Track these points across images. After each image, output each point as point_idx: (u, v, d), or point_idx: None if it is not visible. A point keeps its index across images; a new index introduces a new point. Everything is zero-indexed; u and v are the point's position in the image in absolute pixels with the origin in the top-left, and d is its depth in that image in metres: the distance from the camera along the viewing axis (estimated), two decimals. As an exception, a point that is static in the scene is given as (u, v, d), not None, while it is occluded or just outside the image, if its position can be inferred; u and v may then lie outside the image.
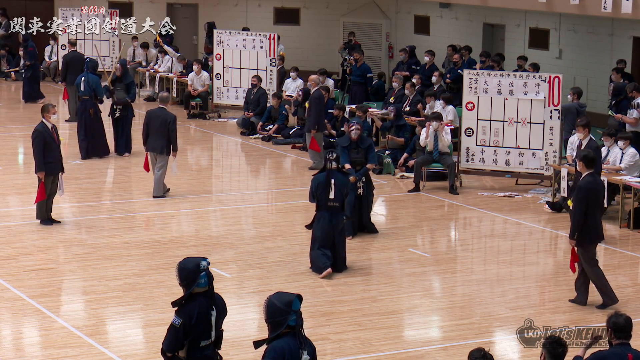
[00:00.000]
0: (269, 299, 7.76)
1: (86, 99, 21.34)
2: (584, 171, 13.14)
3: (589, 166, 13.06)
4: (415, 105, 22.21)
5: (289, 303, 7.71)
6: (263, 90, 24.90)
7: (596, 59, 25.43)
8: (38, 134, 16.21)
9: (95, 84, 21.32)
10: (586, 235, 12.89)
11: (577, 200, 12.95)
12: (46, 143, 16.12)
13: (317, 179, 14.36)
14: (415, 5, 31.14)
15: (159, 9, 33.56)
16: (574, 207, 13.00)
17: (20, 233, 16.01)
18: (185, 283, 8.48)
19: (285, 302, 7.72)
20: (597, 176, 13.40)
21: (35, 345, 11.71)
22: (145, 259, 14.74)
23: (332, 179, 14.21)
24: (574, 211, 12.97)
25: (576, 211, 12.89)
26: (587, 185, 12.93)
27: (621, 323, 8.40)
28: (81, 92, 21.46)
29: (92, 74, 21.44)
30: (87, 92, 21.31)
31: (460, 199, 18.76)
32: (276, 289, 13.50)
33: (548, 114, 19.02)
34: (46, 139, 16.13)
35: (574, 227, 12.90)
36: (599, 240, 13.30)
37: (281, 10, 33.35)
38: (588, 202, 12.85)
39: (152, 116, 18.20)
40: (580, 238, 12.88)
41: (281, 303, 7.71)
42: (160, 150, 17.97)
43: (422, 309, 13.12)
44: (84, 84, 21.33)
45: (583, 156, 13.21)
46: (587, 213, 12.85)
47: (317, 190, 14.27)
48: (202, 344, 8.51)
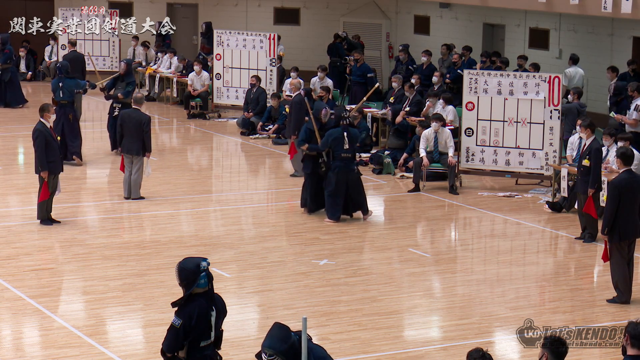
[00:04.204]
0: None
1: (64, 104, 20.61)
2: (621, 167, 13.39)
3: (626, 163, 13.25)
4: (415, 105, 22.19)
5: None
6: (262, 89, 24.90)
7: (596, 59, 25.42)
8: (39, 133, 16.20)
9: (73, 86, 20.77)
10: (616, 231, 13.01)
11: (610, 197, 13.12)
12: (47, 142, 16.12)
13: (333, 133, 16.61)
14: (415, 5, 31.14)
15: (159, 9, 33.56)
16: (607, 203, 13.21)
17: (20, 233, 16.01)
18: (185, 283, 8.48)
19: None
20: (635, 173, 13.49)
21: (35, 345, 11.71)
22: (145, 259, 14.74)
23: (345, 132, 16.60)
24: (606, 207, 13.18)
25: (608, 207, 13.10)
26: (621, 182, 13.12)
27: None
28: (59, 98, 20.69)
29: (67, 79, 20.80)
30: (66, 97, 20.65)
31: (460, 199, 18.76)
32: (276, 289, 13.59)
33: (548, 114, 19.02)
34: (47, 138, 16.13)
35: (605, 222, 13.07)
36: (631, 237, 13.24)
37: (281, 10, 33.35)
38: (620, 198, 12.98)
39: (126, 118, 17.93)
40: (610, 234, 13.03)
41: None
42: (137, 152, 17.77)
43: (422, 309, 13.12)
44: (62, 89, 20.60)
45: (621, 153, 13.45)
46: (620, 210, 12.98)
47: (333, 143, 16.54)
48: (202, 345, 8.52)
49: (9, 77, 27.70)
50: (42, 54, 31.90)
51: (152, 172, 18.37)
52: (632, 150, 13.94)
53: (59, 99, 20.75)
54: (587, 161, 15.84)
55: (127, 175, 17.97)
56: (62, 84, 20.69)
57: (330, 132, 16.69)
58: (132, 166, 17.87)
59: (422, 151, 19.30)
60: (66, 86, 20.66)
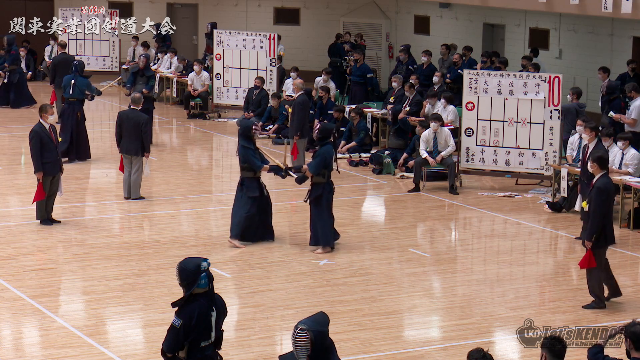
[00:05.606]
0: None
1: (74, 102, 20.83)
2: (597, 172, 12.92)
3: (603, 167, 12.90)
4: (415, 105, 22.20)
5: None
6: (265, 92, 24.90)
7: (596, 59, 25.42)
8: (35, 134, 16.20)
9: (85, 86, 20.96)
10: (602, 236, 12.75)
11: (600, 202, 12.72)
12: (43, 143, 16.10)
13: (329, 151, 15.12)
14: (415, 5, 31.15)
15: (159, 9, 33.56)
16: (595, 209, 12.73)
17: (20, 233, 16.01)
18: (186, 284, 8.48)
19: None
20: (609, 177, 13.21)
21: (35, 345, 11.71)
22: (145, 259, 14.74)
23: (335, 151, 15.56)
24: (596, 213, 12.72)
25: (598, 213, 12.69)
26: (607, 186, 12.82)
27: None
28: (68, 95, 20.86)
29: (80, 77, 21.02)
30: (76, 95, 20.84)
31: (460, 199, 18.76)
32: (276, 289, 13.59)
33: (548, 114, 19.02)
34: (43, 139, 16.11)
35: (594, 229, 12.69)
36: (614, 241, 13.15)
37: (281, 10, 33.35)
38: (609, 203, 12.77)
39: (124, 118, 17.90)
40: (597, 240, 12.73)
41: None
42: (135, 152, 17.77)
43: (422, 309, 13.12)
44: (73, 87, 20.79)
45: (598, 157, 12.99)
46: (605, 215, 12.77)
47: (330, 162, 15.05)
48: (202, 345, 8.52)
49: (17, 79, 27.70)
50: (42, 54, 31.89)
51: (152, 172, 18.38)
52: (607, 154, 13.58)
53: (69, 95, 20.93)
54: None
55: (127, 175, 17.97)
56: (74, 82, 20.82)
57: (326, 150, 15.13)
58: (132, 166, 17.87)
59: (423, 152, 19.30)
60: (78, 84, 20.82)
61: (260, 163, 15.40)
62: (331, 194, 15.20)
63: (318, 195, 15.02)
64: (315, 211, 15.09)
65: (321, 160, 14.98)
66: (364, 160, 21.53)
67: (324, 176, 15.03)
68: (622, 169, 17.18)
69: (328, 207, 15.14)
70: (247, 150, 15.36)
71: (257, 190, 15.38)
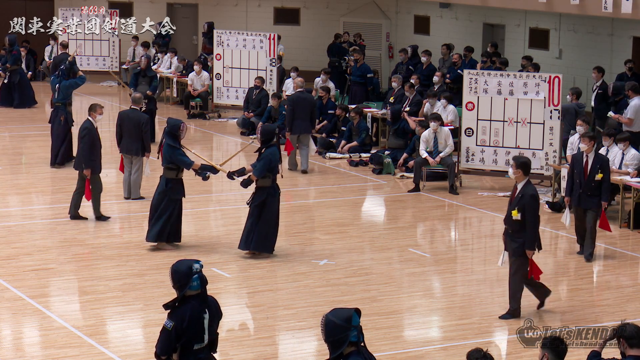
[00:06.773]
0: (326, 316, 7.34)
1: (58, 106, 20.33)
2: (521, 179, 12.39)
3: (526, 173, 12.41)
4: (415, 105, 22.21)
5: (348, 319, 7.26)
6: (266, 92, 24.89)
7: (596, 59, 25.41)
8: (87, 131, 16.35)
9: (68, 87, 20.31)
10: (536, 244, 12.49)
11: (535, 209, 12.35)
12: (93, 141, 16.29)
13: (274, 154, 14.61)
14: (415, 5, 31.15)
15: (159, 9, 33.57)
16: (533, 216, 12.36)
17: (20, 233, 16.02)
18: (178, 286, 8.44)
19: (343, 318, 7.27)
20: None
21: (35, 345, 11.71)
22: (145, 259, 14.74)
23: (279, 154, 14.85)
24: (533, 220, 12.36)
25: (535, 220, 12.38)
26: (536, 193, 12.47)
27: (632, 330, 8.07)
28: (55, 99, 20.46)
29: (65, 80, 20.32)
30: (60, 99, 20.31)
31: (460, 199, 18.77)
32: (276, 289, 13.59)
33: (548, 114, 19.02)
34: (93, 137, 16.31)
35: (534, 237, 12.37)
36: (541, 247, 12.76)
37: (281, 10, 33.36)
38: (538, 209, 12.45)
39: (125, 118, 17.89)
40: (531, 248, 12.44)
41: (339, 319, 7.27)
42: (136, 152, 17.79)
43: (422, 309, 13.12)
44: (58, 91, 20.25)
45: (522, 163, 12.43)
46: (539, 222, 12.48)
47: (275, 165, 14.59)
48: (195, 348, 8.41)
49: (18, 79, 27.62)
50: (42, 54, 31.90)
51: (152, 172, 18.35)
52: (530, 160, 13.16)
53: (55, 100, 20.51)
54: (600, 175, 15.05)
55: (127, 175, 17.99)
56: (58, 86, 20.36)
57: (271, 152, 14.69)
58: (132, 166, 17.88)
59: (423, 152, 19.30)
60: (62, 88, 20.28)
61: (190, 161, 15.10)
62: (276, 197, 14.74)
63: (262, 199, 14.65)
64: (256, 215, 14.64)
65: (265, 163, 14.54)
66: (364, 160, 21.54)
67: (268, 180, 14.71)
68: (622, 169, 17.19)
69: (272, 211, 14.70)
70: (174, 150, 15.04)
71: (181, 193, 15.19)
